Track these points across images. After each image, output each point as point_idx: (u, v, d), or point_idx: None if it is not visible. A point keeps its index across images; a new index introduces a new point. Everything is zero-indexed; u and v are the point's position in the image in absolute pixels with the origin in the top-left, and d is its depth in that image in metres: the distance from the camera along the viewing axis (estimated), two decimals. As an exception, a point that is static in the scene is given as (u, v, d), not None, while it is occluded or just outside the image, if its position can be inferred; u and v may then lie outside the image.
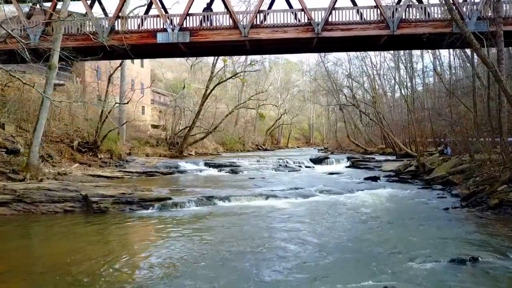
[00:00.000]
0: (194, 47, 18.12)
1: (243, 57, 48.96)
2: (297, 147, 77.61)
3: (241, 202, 12.48)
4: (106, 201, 11.35)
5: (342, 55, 64.04)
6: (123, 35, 16.48)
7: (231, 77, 37.04)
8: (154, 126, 42.56)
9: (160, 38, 16.90)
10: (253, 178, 19.28)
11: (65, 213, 11.29)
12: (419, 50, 38.57)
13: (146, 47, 18.05)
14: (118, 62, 26.37)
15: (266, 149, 60.64)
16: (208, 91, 34.19)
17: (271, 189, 14.74)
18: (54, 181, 14.01)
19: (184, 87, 37.53)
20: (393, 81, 48.69)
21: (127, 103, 25.47)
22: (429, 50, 40.71)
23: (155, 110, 47.08)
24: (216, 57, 34.25)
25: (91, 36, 15.84)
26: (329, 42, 17.84)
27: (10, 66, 24.05)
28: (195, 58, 37.55)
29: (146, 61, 43.86)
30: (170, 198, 12.00)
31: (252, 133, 63.40)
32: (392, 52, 39.37)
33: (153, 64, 57.00)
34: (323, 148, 58.60)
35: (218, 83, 35.21)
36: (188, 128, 35.02)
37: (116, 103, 24.13)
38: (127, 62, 38.58)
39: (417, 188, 15.32)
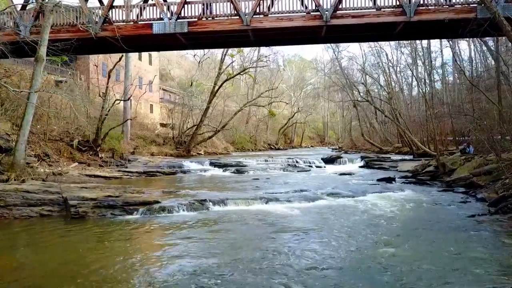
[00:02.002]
0: (193, 38, 16.90)
1: (254, 54, 47.81)
2: (311, 146, 76.02)
3: (237, 207, 11.19)
4: (86, 204, 10.19)
5: (357, 51, 62.20)
6: (115, 26, 15.34)
7: (239, 73, 35.78)
8: (162, 125, 41.66)
9: (156, 28, 15.72)
10: (257, 179, 17.96)
11: (41, 217, 10.17)
12: (438, 46, 36.81)
13: (143, 39, 16.87)
14: (122, 57, 25.27)
15: (278, 149, 59.27)
16: (216, 88, 32.96)
17: (274, 191, 13.42)
18: (37, 182, 12.95)
19: (191, 84, 36.40)
20: (410, 78, 46.92)
21: (128, 99, 24.44)
22: (448, 44, 38.89)
23: (165, 109, 46.13)
24: (224, 53, 33.06)
25: (80, 26, 14.74)
26: (340, 31, 16.40)
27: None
28: (203, 54, 36.59)
29: (154, 58, 42.95)
30: (158, 202, 10.78)
31: (265, 132, 62.09)
32: (409, 48, 37.66)
33: (165, 62, 56.21)
34: (337, 147, 56.96)
35: (226, 80, 33.97)
36: (196, 126, 33.87)
37: (116, 99, 23.10)
38: (134, 59, 37.77)
39: (437, 191, 13.80)
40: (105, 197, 11.08)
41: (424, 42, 33.52)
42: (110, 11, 16.20)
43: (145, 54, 40.59)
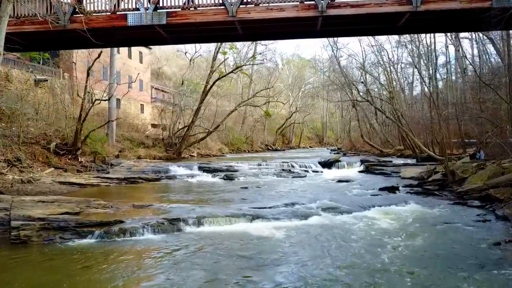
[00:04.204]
0: (175, 31, 15.18)
1: (250, 52, 46.07)
2: (310, 147, 74.44)
3: (216, 227, 9.50)
4: (31, 226, 8.47)
5: (357, 49, 60.58)
6: (83, 17, 13.60)
7: (232, 71, 34.04)
8: (154, 126, 39.95)
9: (131, 19, 13.98)
10: (246, 187, 16.22)
11: (-22, 242, 8.48)
12: (443, 42, 35.08)
13: (118, 32, 15.14)
14: (101, 54, 23.50)
15: (276, 149, 57.65)
16: (208, 87, 31.25)
17: (261, 205, 11.70)
18: (-15, 196, 11.24)
19: (182, 83, 34.68)
20: (410, 78, 45.25)
21: (109, 99, 22.70)
22: (451, 42, 37.21)
23: (157, 109, 44.35)
24: (216, 50, 31.37)
25: (40, 16, 13.03)
26: (337, 24, 14.69)
27: None
28: (195, 51, 34.91)
29: (145, 55, 41.23)
30: (120, 222, 9.05)
31: (262, 133, 60.42)
32: (410, 46, 35.99)
33: (160, 60, 54.37)
34: (336, 148, 55.34)
35: (218, 78, 32.27)
36: (187, 127, 32.16)
37: (96, 99, 21.37)
38: (123, 56, 36.09)
39: (448, 204, 12.08)
40: (60, 214, 9.43)
41: (427, 39, 31.93)
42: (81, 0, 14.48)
43: (135, 52, 38.91)
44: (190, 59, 33.35)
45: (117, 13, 14.33)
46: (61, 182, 17.52)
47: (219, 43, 30.97)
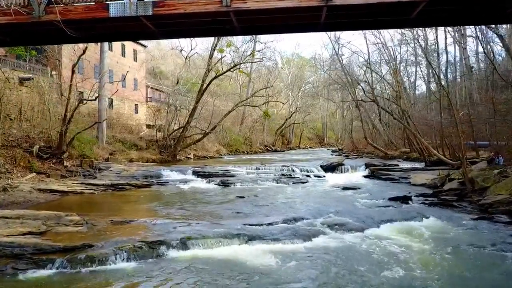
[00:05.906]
0: (163, 24, 13.59)
1: (249, 50, 44.60)
2: (310, 147, 72.94)
3: (205, 250, 8.04)
4: (-21, 254, 7.03)
5: (359, 46, 59.11)
6: (58, 7, 12.08)
7: (229, 70, 32.51)
8: (149, 126, 38.44)
9: (113, 10, 12.39)
10: (242, 197, 14.68)
11: None
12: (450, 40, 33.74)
13: (99, 25, 13.59)
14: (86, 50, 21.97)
15: (275, 150, 56.16)
16: (204, 86, 29.75)
17: (258, 221, 10.21)
18: None
19: (178, 82, 33.18)
20: (413, 77, 43.88)
21: (95, 99, 21.20)
22: (457, 40, 35.76)
23: (153, 109, 42.84)
24: (212, 47, 29.87)
25: (6, 4, 11.54)
26: (343, 15, 13.10)
27: None
28: (190, 48, 33.47)
29: (140, 54, 39.72)
30: (89, 246, 7.57)
31: (261, 133, 58.88)
32: (412, 45, 34.57)
33: (157, 59, 52.85)
34: (337, 149, 53.82)
35: (215, 77, 30.78)
36: (182, 128, 30.65)
37: (82, 99, 19.89)
38: (116, 54, 34.61)
39: (471, 219, 10.60)
40: (21, 235, 8.03)
41: (431, 37, 30.50)
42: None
43: (129, 49, 37.40)
44: (186, 57, 31.82)
45: (97, 3, 12.85)
46: (40, 189, 16.04)
47: (215, 40, 29.53)
